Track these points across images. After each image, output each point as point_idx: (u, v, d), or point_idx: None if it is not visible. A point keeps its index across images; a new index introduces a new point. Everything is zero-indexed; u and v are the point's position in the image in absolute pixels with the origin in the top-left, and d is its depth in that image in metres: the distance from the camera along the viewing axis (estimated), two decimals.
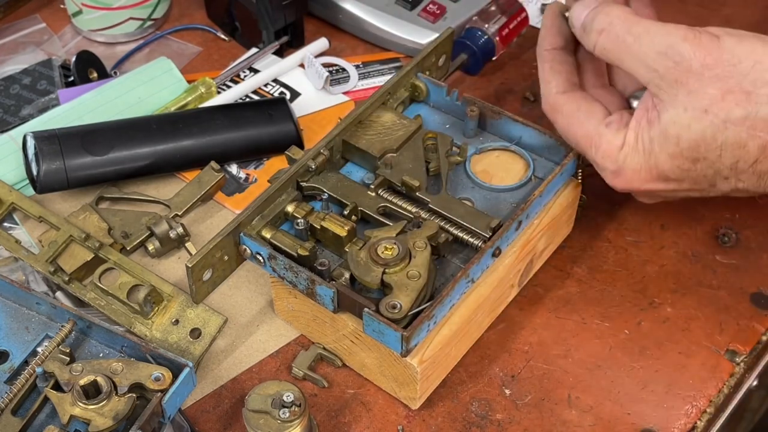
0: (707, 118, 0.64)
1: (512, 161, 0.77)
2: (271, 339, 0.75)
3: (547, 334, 0.75)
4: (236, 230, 0.69)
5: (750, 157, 0.65)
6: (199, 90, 0.90)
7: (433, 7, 0.96)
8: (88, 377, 0.64)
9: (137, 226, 0.80)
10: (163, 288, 0.76)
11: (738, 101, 0.64)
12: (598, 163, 0.71)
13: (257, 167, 0.87)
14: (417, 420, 0.70)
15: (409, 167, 0.74)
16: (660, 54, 0.65)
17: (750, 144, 0.64)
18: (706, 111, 0.64)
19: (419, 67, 0.80)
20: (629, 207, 0.83)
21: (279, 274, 0.69)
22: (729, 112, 0.64)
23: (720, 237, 0.81)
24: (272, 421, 0.63)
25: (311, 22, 1.00)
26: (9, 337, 0.70)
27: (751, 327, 0.75)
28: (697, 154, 0.66)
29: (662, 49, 0.65)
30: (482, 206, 0.74)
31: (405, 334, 0.63)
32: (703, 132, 0.65)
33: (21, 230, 0.81)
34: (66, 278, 0.76)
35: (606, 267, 0.79)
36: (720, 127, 0.64)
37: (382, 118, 0.78)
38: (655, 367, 0.73)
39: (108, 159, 0.82)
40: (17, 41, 0.99)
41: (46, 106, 0.90)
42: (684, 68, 0.64)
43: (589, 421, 0.70)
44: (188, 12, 1.03)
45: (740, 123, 0.64)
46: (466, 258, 0.71)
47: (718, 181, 0.67)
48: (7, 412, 0.65)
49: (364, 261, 0.67)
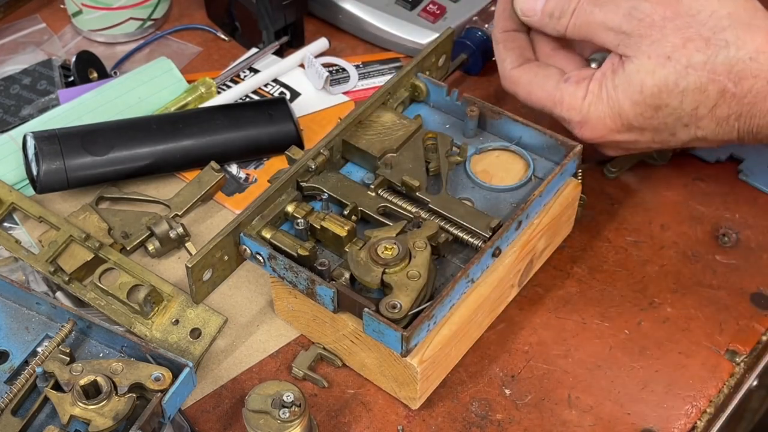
0: (670, 64, 0.69)
1: (512, 161, 0.77)
2: (271, 339, 0.75)
3: (547, 334, 0.75)
4: (236, 230, 0.69)
5: (710, 101, 0.69)
6: (199, 90, 0.90)
7: (433, 7, 0.96)
8: (88, 377, 0.64)
9: (137, 226, 0.80)
10: (163, 288, 0.76)
11: (698, 47, 0.68)
12: (564, 116, 0.74)
13: (257, 167, 0.87)
14: (417, 420, 0.70)
15: (409, 167, 0.74)
16: (625, 16, 0.70)
17: (710, 88, 0.68)
18: (669, 57, 0.69)
19: (419, 67, 0.80)
20: (629, 207, 0.83)
21: (279, 274, 0.69)
22: (690, 58, 0.68)
23: (720, 237, 0.81)
24: (272, 421, 0.63)
25: (311, 22, 1.00)
26: (9, 337, 0.70)
27: (751, 327, 0.75)
28: (659, 101, 0.70)
29: (626, 11, 0.70)
30: (482, 206, 0.74)
31: (405, 334, 0.63)
32: (666, 78, 0.69)
33: (21, 230, 0.81)
34: (66, 278, 0.76)
35: (606, 267, 0.79)
36: (682, 72, 0.68)
37: (382, 118, 0.78)
38: (655, 367, 0.73)
39: (108, 159, 0.82)
40: (17, 41, 0.99)
41: (46, 106, 0.90)
42: (647, 23, 0.69)
43: (589, 421, 0.70)
44: (188, 12, 1.03)
45: (701, 68, 0.68)
46: (466, 258, 0.71)
47: (679, 129, 0.71)
48: (7, 412, 0.65)
49: (364, 261, 0.67)
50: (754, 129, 0.70)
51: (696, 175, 0.85)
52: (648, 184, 0.84)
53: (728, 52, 0.68)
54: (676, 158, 0.86)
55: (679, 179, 0.85)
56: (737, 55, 0.68)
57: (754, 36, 0.68)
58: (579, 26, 0.72)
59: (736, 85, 0.68)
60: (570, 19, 0.73)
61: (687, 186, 0.84)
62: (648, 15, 0.69)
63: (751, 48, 0.68)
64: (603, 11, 0.71)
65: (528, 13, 0.75)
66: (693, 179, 0.85)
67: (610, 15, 0.70)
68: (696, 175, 0.85)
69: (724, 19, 0.68)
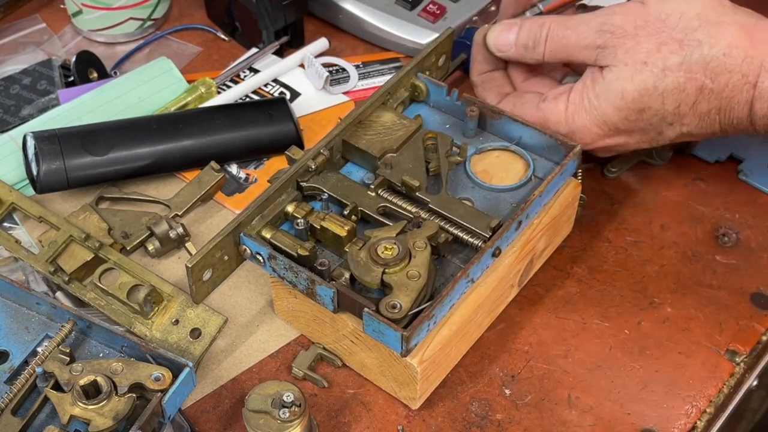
0: (647, 68, 0.71)
1: (512, 161, 0.77)
2: (271, 339, 0.75)
3: (547, 334, 0.75)
4: (236, 230, 0.69)
5: (690, 99, 0.71)
6: (199, 90, 0.90)
7: (433, 7, 0.96)
8: (88, 377, 0.64)
9: (137, 226, 0.80)
10: (163, 288, 0.76)
11: (672, 50, 0.71)
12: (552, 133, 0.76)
13: (257, 167, 0.87)
14: (417, 420, 0.70)
15: (409, 167, 0.74)
16: (598, 32, 0.73)
17: (688, 86, 0.71)
18: (645, 62, 0.71)
19: (419, 67, 0.80)
20: (629, 207, 0.83)
21: (279, 274, 0.69)
22: (666, 60, 0.71)
23: (720, 237, 0.81)
24: (272, 421, 0.63)
25: (311, 22, 1.00)
26: (9, 337, 0.70)
27: (751, 327, 0.75)
28: (642, 104, 0.72)
29: (597, 27, 0.73)
30: (482, 206, 0.74)
31: (405, 334, 0.63)
32: (645, 82, 0.71)
33: (21, 230, 0.81)
34: (66, 278, 0.76)
35: (606, 267, 0.79)
36: (659, 75, 0.71)
37: (382, 118, 0.78)
38: (655, 367, 0.73)
39: (108, 159, 0.82)
40: (17, 41, 0.99)
41: (46, 106, 0.90)
42: (620, 34, 0.72)
43: (589, 421, 0.70)
44: (188, 12, 1.03)
45: (677, 68, 0.71)
46: (466, 258, 0.71)
47: (664, 127, 0.74)
48: (7, 412, 0.65)
49: (364, 261, 0.67)
50: (734, 121, 0.72)
51: (696, 175, 0.85)
52: (648, 184, 0.85)
53: (702, 50, 0.70)
54: (676, 158, 0.86)
55: (679, 179, 0.85)
56: (711, 52, 0.70)
57: (725, 33, 0.70)
58: (555, 51, 0.76)
59: (713, 81, 0.70)
60: (545, 46, 0.76)
61: (687, 186, 0.84)
62: (619, 26, 0.72)
63: (723, 44, 0.70)
64: (575, 32, 0.74)
65: (503, 49, 0.78)
66: (693, 179, 0.85)
67: (583, 34, 0.73)
68: (696, 175, 0.85)
69: (694, 20, 0.71)
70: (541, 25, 0.76)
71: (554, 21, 0.75)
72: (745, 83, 0.70)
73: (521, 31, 0.77)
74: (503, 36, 0.78)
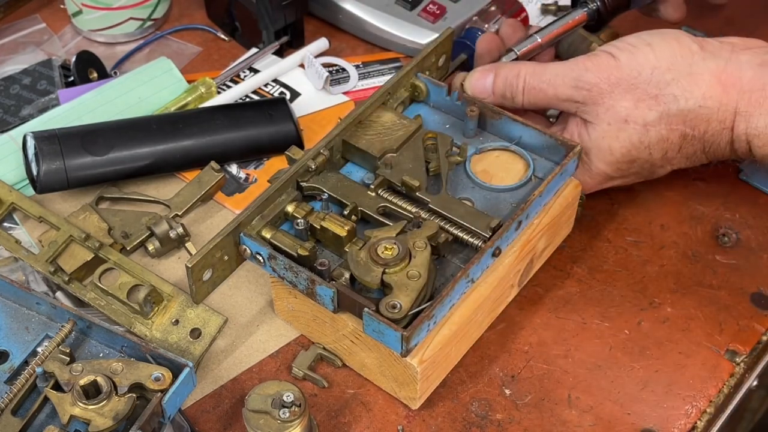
0: (629, 126, 0.74)
1: (512, 161, 0.77)
2: (271, 339, 0.75)
3: (547, 334, 0.75)
4: (236, 230, 0.69)
5: (675, 146, 0.75)
6: (199, 90, 0.90)
7: (433, 7, 0.96)
8: (88, 377, 0.64)
9: (137, 226, 0.80)
10: (163, 288, 0.76)
11: (650, 106, 0.73)
12: None
13: (257, 167, 0.87)
14: (417, 420, 0.70)
15: (409, 167, 0.74)
16: (573, 88, 0.75)
17: (671, 137, 0.74)
18: (626, 120, 0.74)
19: (419, 67, 0.80)
20: (629, 207, 0.83)
21: (279, 274, 0.69)
22: (645, 117, 0.73)
23: (720, 237, 0.81)
24: (272, 421, 0.63)
25: (311, 22, 1.00)
26: (9, 337, 0.70)
27: (751, 327, 0.75)
28: (631, 157, 0.75)
29: (573, 83, 0.75)
30: (482, 206, 0.74)
31: (405, 334, 0.63)
32: (630, 138, 0.74)
33: (21, 230, 0.81)
34: (66, 278, 0.76)
35: (606, 267, 0.79)
36: (642, 131, 0.74)
37: (382, 118, 0.78)
38: (655, 367, 0.73)
39: (108, 159, 0.82)
40: (17, 41, 0.99)
41: (46, 106, 0.90)
42: (597, 92, 0.74)
43: (589, 421, 0.70)
44: (188, 12, 1.03)
45: (657, 123, 0.74)
46: (466, 258, 0.71)
47: (656, 169, 0.77)
48: (7, 412, 0.65)
49: (364, 261, 0.67)
50: (720, 155, 0.76)
51: (696, 175, 0.85)
52: (648, 184, 0.84)
53: (678, 104, 0.73)
54: None
55: (679, 179, 0.85)
56: (687, 105, 0.73)
57: (698, 84, 0.72)
58: (534, 102, 0.78)
59: (694, 129, 0.73)
60: (523, 97, 0.78)
61: (687, 186, 0.84)
62: (594, 84, 0.74)
63: (698, 96, 0.72)
64: (551, 87, 0.76)
65: (481, 95, 0.79)
66: (693, 179, 0.85)
67: (560, 89, 0.75)
68: (696, 175, 0.85)
69: (666, 74, 0.73)
70: (516, 75, 0.77)
71: (529, 72, 0.77)
72: (723, 128, 0.73)
73: (497, 80, 0.78)
74: (480, 83, 0.79)
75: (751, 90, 0.71)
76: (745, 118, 0.72)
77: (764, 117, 0.71)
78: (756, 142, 0.72)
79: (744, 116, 0.72)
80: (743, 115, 0.72)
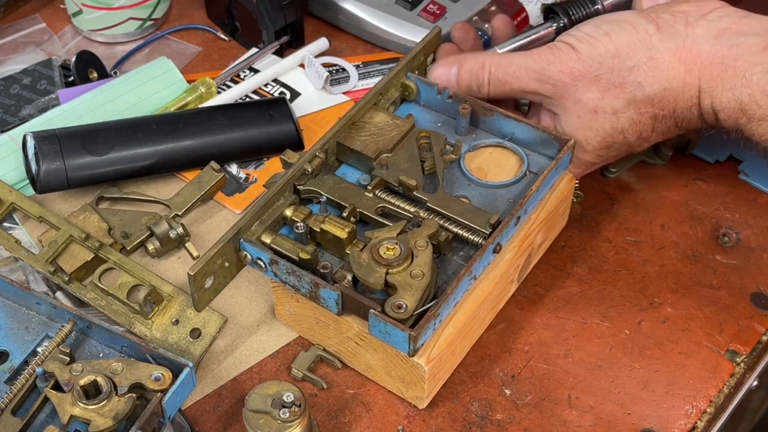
0: (599, 116, 0.74)
1: (506, 157, 0.77)
2: (271, 339, 0.75)
3: (547, 334, 0.75)
4: (236, 236, 0.69)
5: (648, 127, 0.75)
6: (199, 90, 0.90)
7: (433, 7, 0.96)
8: (88, 377, 0.64)
9: (137, 226, 0.80)
10: (163, 288, 0.76)
11: (616, 94, 0.73)
12: None
13: (257, 167, 0.87)
14: (417, 420, 0.70)
15: (405, 167, 0.74)
16: (537, 81, 0.75)
17: (642, 119, 0.74)
18: (596, 111, 0.74)
19: (408, 67, 0.81)
20: (629, 207, 0.83)
21: (281, 279, 0.69)
22: (614, 105, 0.74)
23: (720, 237, 0.81)
24: (272, 421, 0.63)
25: (311, 22, 1.00)
26: (9, 337, 0.70)
27: (751, 327, 0.75)
28: (606, 143, 0.76)
29: (536, 77, 0.75)
30: (479, 203, 0.74)
31: (412, 333, 0.63)
32: (602, 127, 0.75)
33: (21, 230, 0.81)
34: (66, 278, 0.76)
35: (606, 267, 0.79)
36: (612, 119, 0.74)
37: (374, 119, 0.78)
38: (655, 367, 0.73)
39: (108, 159, 0.82)
40: (17, 41, 0.99)
41: (46, 106, 0.90)
42: (561, 86, 0.74)
43: (589, 421, 0.70)
44: (188, 12, 1.03)
45: (626, 109, 0.74)
46: (466, 255, 0.71)
47: (634, 148, 0.77)
48: (7, 412, 0.65)
49: (366, 262, 0.66)
50: (694, 126, 0.75)
51: (696, 175, 0.85)
52: (648, 184, 0.85)
53: (643, 90, 0.73)
54: (675, 158, 0.86)
55: (679, 179, 0.85)
56: (652, 90, 0.73)
57: (660, 67, 0.72)
58: (500, 92, 0.78)
59: (663, 109, 0.74)
60: (489, 88, 0.78)
61: (687, 186, 0.84)
62: (557, 79, 0.74)
63: (661, 80, 0.72)
64: (516, 79, 0.76)
65: (446, 86, 0.80)
66: (693, 179, 0.85)
67: (524, 81, 0.75)
68: (696, 175, 0.85)
69: (627, 61, 0.73)
70: (481, 67, 0.77)
71: (493, 63, 0.77)
72: (690, 105, 0.73)
73: (462, 71, 0.78)
74: (443, 76, 0.79)
75: (711, 64, 0.71)
76: (709, 94, 0.72)
77: (726, 92, 0.71)
78: (721, 115, 0.72)
79: (707, 92, 0.72)
80: (706, 91, 0.72)
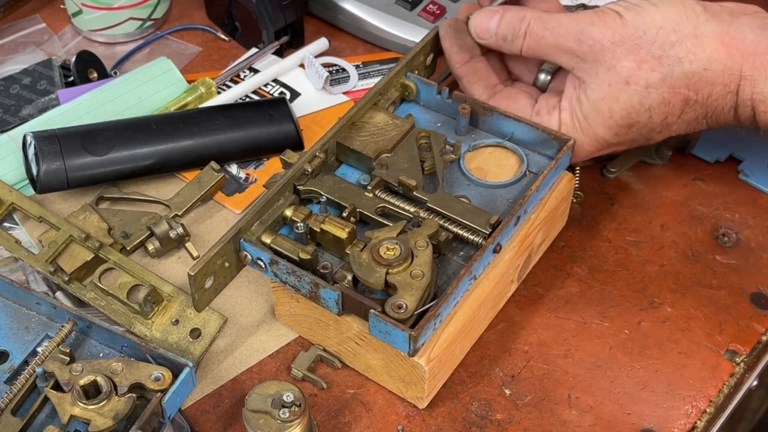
0: (630, 87, 0.72)
1: (506, 157, 0.77)
2: (271, 339, 0.75)
3: (547, 334, 0.75)
4: (236, 236, 0.69)
5: (676, 110, 0.73)
6: (199, 90, 0.90)
7: (433, 7, 0.96)
8: (88, 377, 0.64)
9: (137, 226, 0.80)
10: (163, 288, 0.76)
11: (653, 67, 0.71)
12: None
13: (257, 167, 0.87)
14: (417, 420, 0.70)
15: (405, 167, 0.74)
16: (576, 41, 0.73)
17: (673, 100, 0.72)
18: (628, 82, 0.72)
19: (408, 67, 0.81)
20: (629, 207, 0.83)
21: (281, 279, 0.69)
22: (648, 78, 0.72)
23: (720, 237, 0.81)
24: (272, 421, 0.63)
25: (311, 22, 1.00)
26: (9, 337, 0.70)
27: (751, 327, 0.75)
28: (630, 120, 0.73)
29: (576, 36, 0.73)
30: (478, 203, 0.74)
31: (413, 333, 0.63)
32: (630, 100, 0.72)
33: (21, 230, 0.81)
34: (66, 278, 0.76)
35: (606, 267, 0.79)
36: (643, 93, 0.72)
37: (374, 119, 0.78)
38: (655, 367, 0.73)
39: (108, 159, 0.82)
40: (17, 41, 0.99)
41: (46, 106, 0.90)
42: (598, 49, 0.72)
43: (589, 421, 0.70)
44: (188, 12, 1.03)
45: (660, 85, 0.72)
46: (466, 255, 0.71)
47: (653, 135, 0.75)
48: (7, 412, 0.65)
49: (366, 262, 0.66)
50: (721, 122, 0.74)
51: (696, 175, 0.85)
52: (648, 184, 0.85)
53: (682, 66, 0.71)
54: (675, 158, 0.86)
55: (679, 179, 0.85)
56: (691, 68, 0.71)
57: (703, 46, 0.71)
58: (533, 48, 0.76)
59: (697, 93, 0.71)
60: (523, 41, 0.76)
61: (687, 186, 0.84)
62: (597, 41, 0.72)
63: (702, 59, 0.71)
64: (554, 35, 0.74)
65: (483, 36, 0.78)
66: (693, 179, 0.85)
67: (561, 38, 0.74)
68: (696, 175, 0.85)
69: (671, 35, 0.71)
70: (521, 19, 0.76)
71: (534, 17, 0.75)
72: (727, 92, 0.71)
73: (502, 21, 0.77)
74: (484, 23, 0.78)
75: (754, 53, 0.70)
76: (751, 82, 0.70)
77: None
78: (761, 107, 0.71)
79: (750, 80, 0.70)
80: (749, 79, 0.70)
